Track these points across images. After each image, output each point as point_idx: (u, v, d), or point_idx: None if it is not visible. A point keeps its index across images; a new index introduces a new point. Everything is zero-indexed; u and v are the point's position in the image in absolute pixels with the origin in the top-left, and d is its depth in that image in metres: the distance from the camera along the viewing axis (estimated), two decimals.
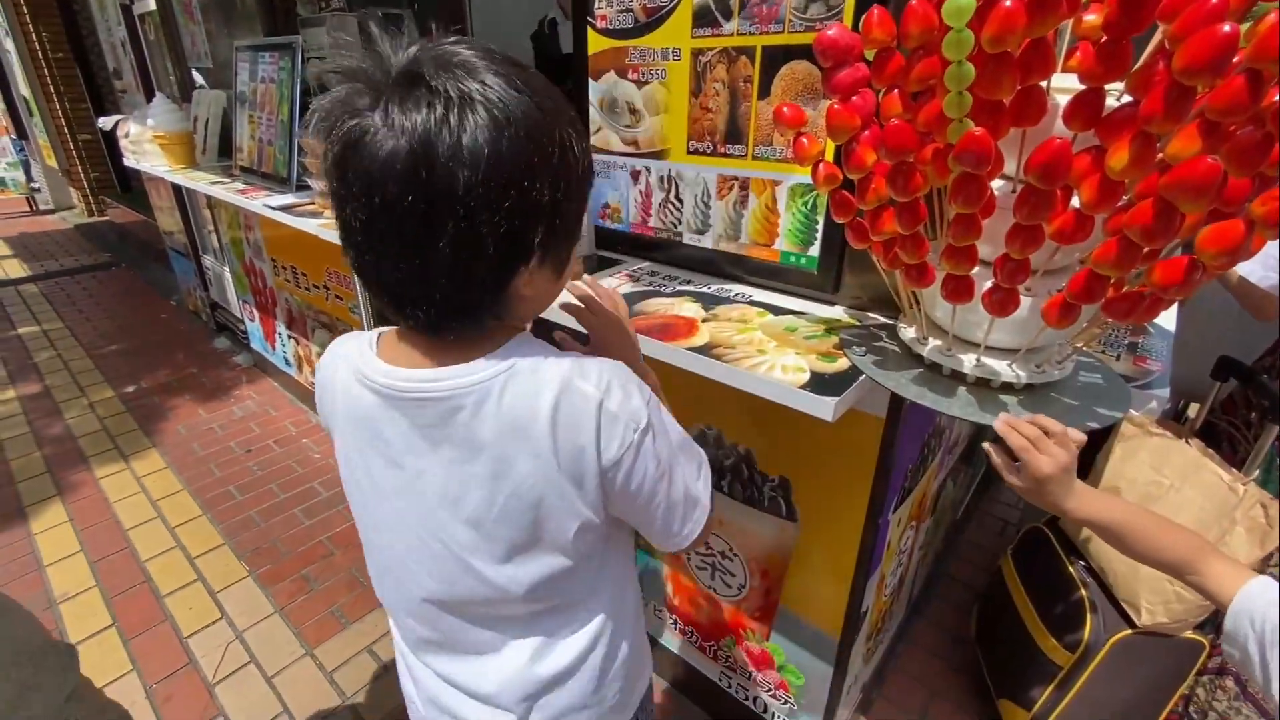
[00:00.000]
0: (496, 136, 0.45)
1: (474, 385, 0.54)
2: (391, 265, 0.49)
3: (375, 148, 0.45)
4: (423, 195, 0.45)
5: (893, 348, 0.85)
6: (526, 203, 0.48)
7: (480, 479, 0.56)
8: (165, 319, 3.94)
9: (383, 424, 0.58)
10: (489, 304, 0.53)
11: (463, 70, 0.46)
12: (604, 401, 0.54)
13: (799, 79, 0.92)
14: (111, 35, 3.56)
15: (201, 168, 2.42)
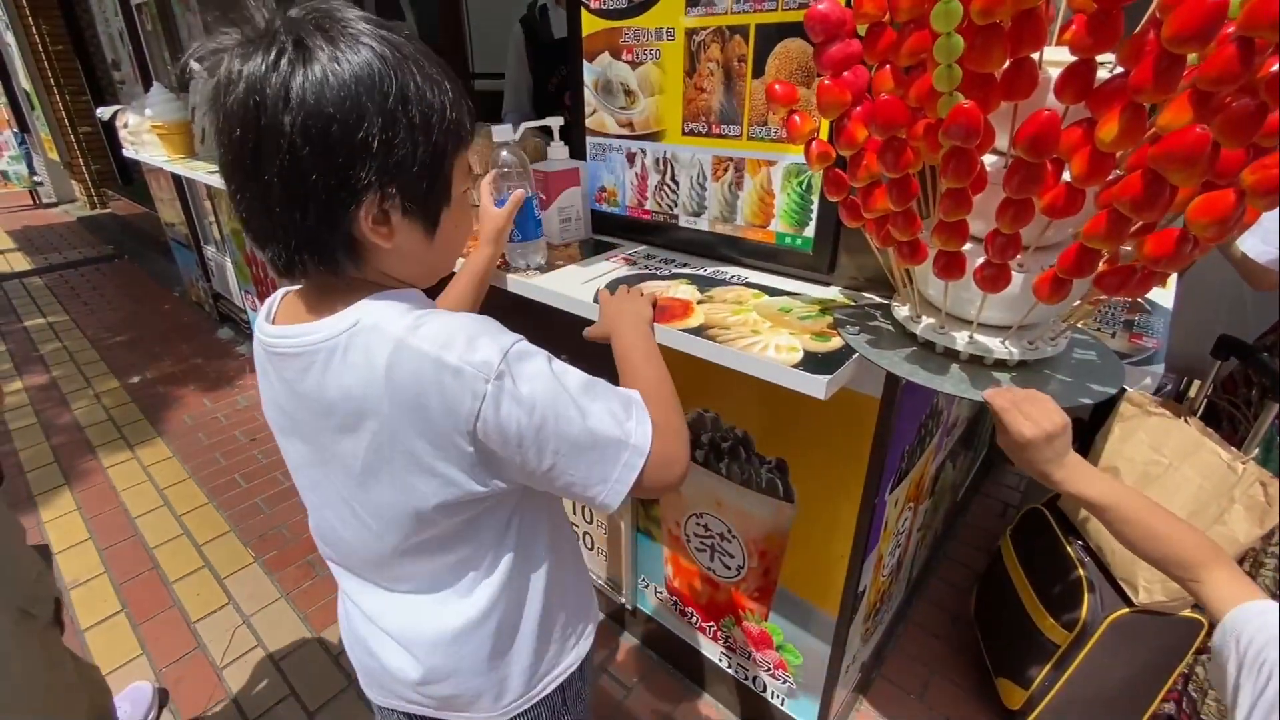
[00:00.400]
0: (321, 79, 0.49)
1: (320, 342, 0.56)
2: (240, 198, 0.54)
3: (225, 94, 0.50)
4: (254, 131, 0.49)
5: (887, 327, 0.85)
6: (349, 143, 0.50)
7: (338, 436, 0.58)
8: (168, 310, 3.96)
9: (270, 374, 0.63)
10: (334, 245, 0.55)
11: (314, 25, 0.51)
12: (441, 356, 0.52)
13: (793, 57, 0.91)
14: (110, 26, 3.55)
15: (200, 157, 2.42)
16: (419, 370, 0.53)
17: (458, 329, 0.54)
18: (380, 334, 0.54)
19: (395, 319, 0.55)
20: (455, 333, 0.54)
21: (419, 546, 0.63)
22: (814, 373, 0.74)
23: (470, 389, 0.52)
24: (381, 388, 0.54)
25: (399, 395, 0.54)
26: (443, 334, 0.54)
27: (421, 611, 0.68)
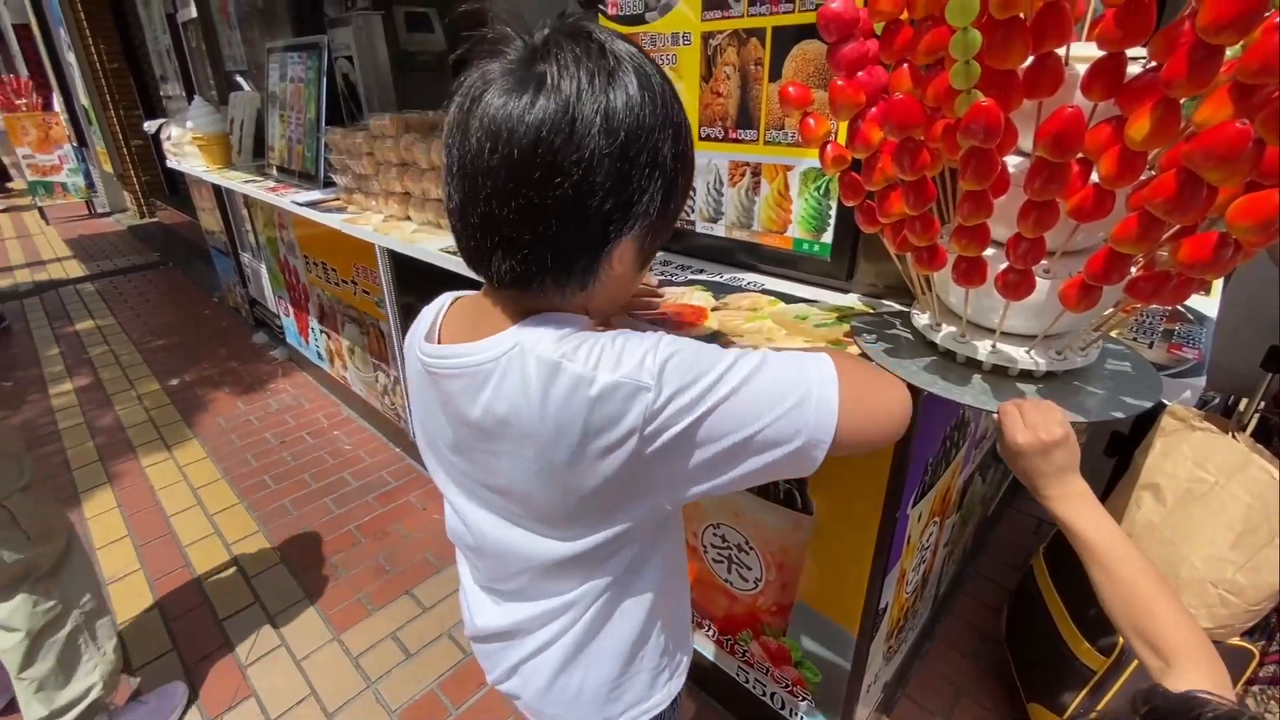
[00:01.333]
0: (640, 97, 0.49)
1: (479, 364, 0.55)
2: (483, 211, 0.50)
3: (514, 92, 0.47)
4: (548, 149, 0.47)
5: (906, 335, 0.82)
6: (653, 165, 0.50)
7: (499, 456, 0.58)
8: (208, 315, 4.10)
9: (427, 391, 0.62)
10: (580, 268, 0.53)
11: (600, 41, 0.49)
12: (596, 376, 0.51)
13: (810, 59, 0.89)
14: (158, 44, 3.71)
15: (237, 167, 2.50)
16: (575, 392, 0.51)
17: (606, 344, 0.53)
18: (536, 358, 0.53)
19: (551, 343, 0.53)
20: (605, 349, 0.52)
21: (550, 569, 0.64)
22: None
23: (629, 402, 0.50)
24: (538, 411, 0.53)
25: (556, 419, 0.52)
26: (594, 353, 0.52)
27: (522, 614, 0.69)
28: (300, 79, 1.98)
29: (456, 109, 0.51)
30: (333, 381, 2.94)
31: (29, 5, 6.55)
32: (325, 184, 1.91)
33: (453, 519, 0.73)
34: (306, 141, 1.98)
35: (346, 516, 2.21)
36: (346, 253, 2.25)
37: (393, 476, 2.42)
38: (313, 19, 2.20)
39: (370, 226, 1.52)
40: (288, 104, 2.08)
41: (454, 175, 0.52)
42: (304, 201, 1.75)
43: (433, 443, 0.68)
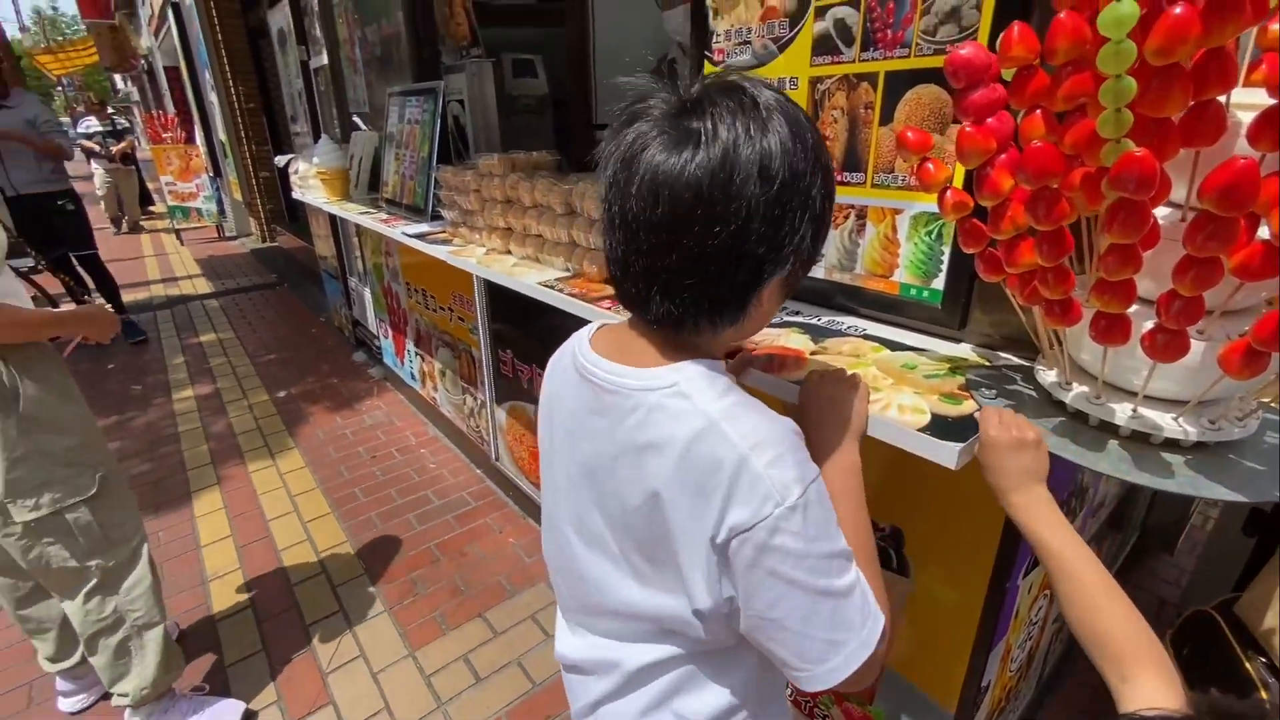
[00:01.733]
0: (792, 146, 0.50)
1: (635, 390, 0.57)
2: (638, 249, 0.53)
3: (673, 149, 0.50)
4: (718, 194, 0.49)
5: (1029, 392, 0.76)
6: (805, 207, 0.52)
7: (618, 479, 0.59)
8: (314, 334, 4.42)
9: (571, 398, 0.65)
10: (731, 307, 0.55)
11: (751, 94, 0.51)
12: (748, 457, 0.51)
13: (925, 104, 0.87)
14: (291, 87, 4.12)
15: (353, 199, 2.71)
16: (719, 459, 0.52)
17: (771, 434, 0.53)
18: (693, 405, 0.54)
19: (713, 396, 0.55)
20: (768, 437, 0.53)
21: (631, 614, 0.64)
22: (944, 439, 0.67)
23: (756, 504, 0.50)
24: (675, 457, 0.53)
25: (687, 472, 0.53)
26: (756, 433, 0.52)
27: (603, 653, 0.69)
28: (416, 120, 2.13)
29: (617, 166, 0.53)
30: (423, 402, 3.08)
31: (180, 50, 7.47)
32: (432, 217, 2.03)
33: (549, 537, 0.74)
34: (418, 178, 2.12)
35: (427, 534, 2.29)
36: (446, 281, 2.37)
37: (472, 498, 2.49)
38: (431, 66, 2.37)
39: (474, 259, 1.60)
40: (403, 143, 2.24)
41: (616, 228, 0.55)
42: (413, 233, 1.86)
43: (553, 451, 0.69)
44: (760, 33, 1.05)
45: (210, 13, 5.84)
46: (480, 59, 2.26)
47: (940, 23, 0.83)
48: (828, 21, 0.95)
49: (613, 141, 0.55)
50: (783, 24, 1.01)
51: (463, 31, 2.28)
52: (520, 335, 2.03)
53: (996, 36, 0.77)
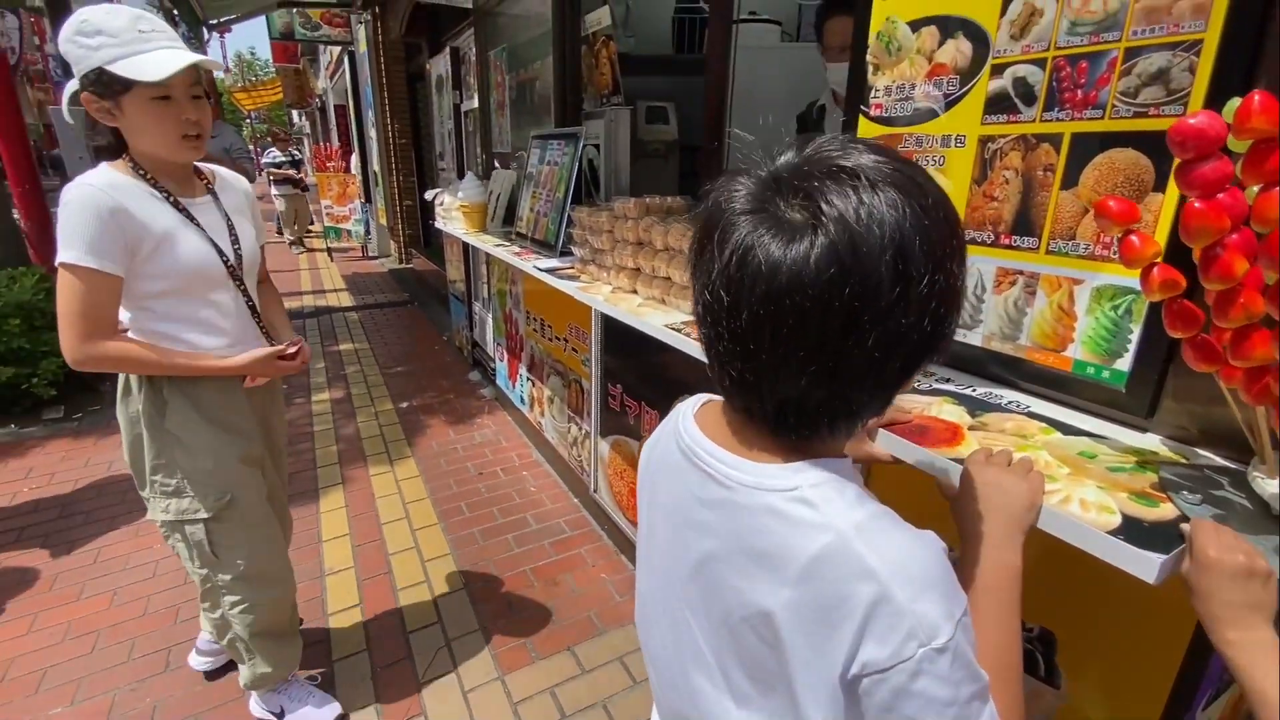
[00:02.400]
0: (919, 218, 0.43)
1: (747, 485, 0.51)
2: (785, 371, 0.46)
3: (778, 251, 0.43)
4: (846, 294, 0.42)
5: (1240, 500, 0.66)
6: (949, 290, 0.45)
7: (725, 584, 0.53)
8: (437, 351, 4.72)
9: (677, 481, 0.59)
10: (870, 409, 0.49)
11: (846, 165, 0.44)
12: (889, 586, 0.44)
13: (1120, 169, 0.80)
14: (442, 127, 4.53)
15: (489, 232, 2.89)
16: (851, 584, 0.45)
17: (916, 557, 0.46)
18: (820, 516, 0.47)
19: (843, 506, 0.48)
20: (912, 561, 0.46)
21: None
22: (1142, 547, 0.59)
23: (896, 641, 0.44)
24: (795, 576, 0.47)
25: (810, 593, 0.47)
26: (899, 556, 0.46)
27: None
28: (556, 162, 2.26)
29: (713, 266, 0.47)
30: (529, 425, 3.18)
31: (349, 91, 8.49)
32: (561, 253, 2.12)
33: (642, 615, 0.68)
34: (551, 215, 2.24)
35: (524, 557, 2.33)
36: (564, 313, 2.46)
37: (569, 526, 2.52)
38: (573, 112, 2.52)
39: (600, 296, 1.64)
40: (541, 182, 2.38)
41: (721, 339, 0.49)
42: (545, 267, 1.96)
43: (653, 534, 0.64)
44: (925, 90, 1.02)
45: (379, 60, 6.59)
46: (619, 106, 2.37)
47: (1143, 84, 0.77)
48: (1005, 79, 0.91)
49: (704, 235, 0.48)
50: (952, 81, 0.98)
51: (605, 80, 2.40)
52: (631, 371, 2.06)
53: (1212, 101, 0.71)
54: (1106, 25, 0.79)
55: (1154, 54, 0.75)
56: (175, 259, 1.21)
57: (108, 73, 1.07)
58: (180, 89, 1.14)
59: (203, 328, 1.30)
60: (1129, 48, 0.77)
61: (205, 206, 1.30)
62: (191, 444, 1.33)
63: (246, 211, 1.42)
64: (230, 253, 1.31)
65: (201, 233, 1.25)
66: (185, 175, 1.28)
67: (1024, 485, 0.64)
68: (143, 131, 1.14)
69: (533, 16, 2.74)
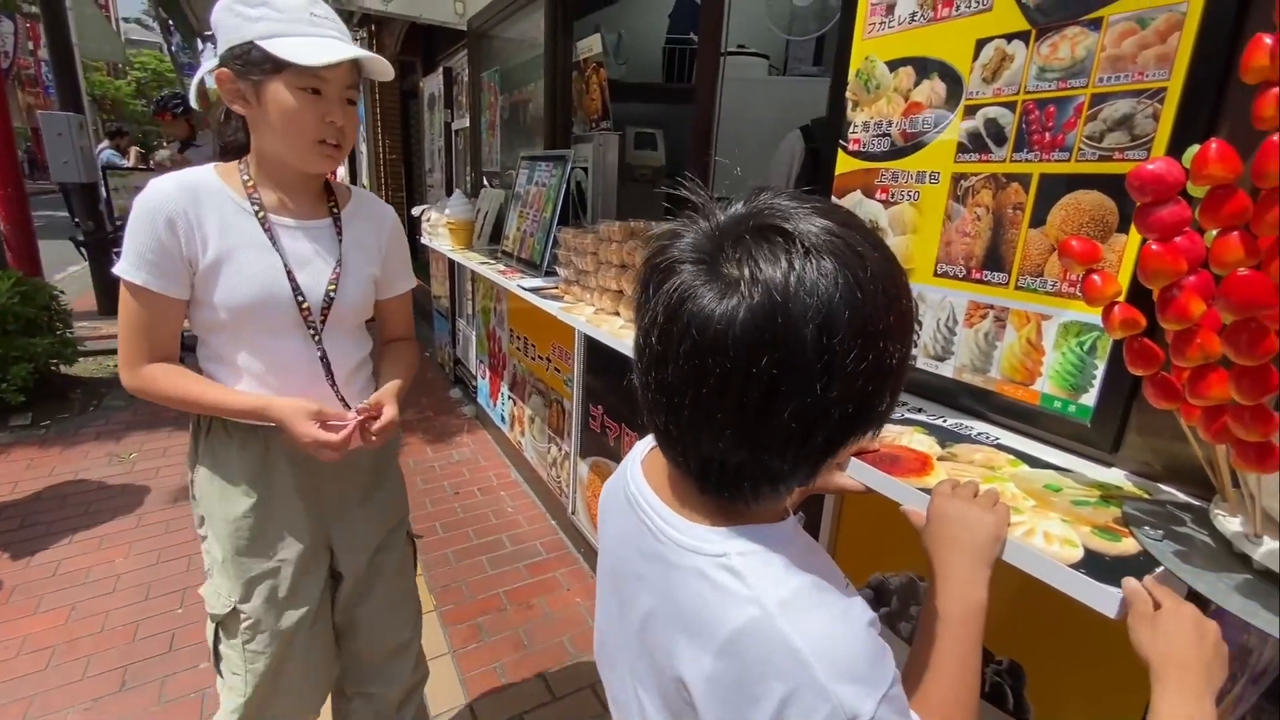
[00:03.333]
0: (852, 291, 0.41)
1: (683, 548, 0.51)
2: (707, 431, 0.46)
3: (710, 305, 0.42)
4: (765, 361, 0.41)
5: (1201, 537, 0.67)
6: (880, 369, 0.43)
7: (658, 636, 0.53)
8: (419, 367, 4.69)
9: (622, 526, 0.59)
10: (801, 478, 0.48)
11: (790, 218, 0.44)
12: (812, 668, 0.43)
13: (1085, 210, 0.83)
14: (433, 144, 4.56)
15: (475, 250, 2.90)
16: (773, 661, 0.44)
17: (839, 637, 0.46)
18: (746, 588, 0.47)
19: (770, 579, 0.47)
20: (835, 643, 0.45)
21: None
22: (1103, 581, 0.60)
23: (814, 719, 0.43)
24: (717, 645, 0.47)
25: (732, 667, 0.46)
26: (822, 637, 0.45)
27: None
28: (544, 183, 2.28)
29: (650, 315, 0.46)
30: (509, 444, 3.16)
31: None
32: (546, 273, 2.13)
33: (600, 649, 0.68)
34: (537, 235, 2.25)
35: (498, 579, 2.29)
36: (548, 333, 2.46)
37: (545, 548, 2.49)
38: (563, 135, 2.55)
39: (583, 317, 1.65)
40: (528, 202, 2.40)
41: (650, 389, 0.49)
42: (528, 286, 1.96)
43: (604, 573, 0.64)
44: (902, 126, 1.05)
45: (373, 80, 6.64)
46: (608, 131, 2.41)
47: (1108, 129, 0.79)
48: (978, 120, 0.94)
49: (647, 278, 0.48)
50: (927, 119, 1.01)
51: (595, 106, 2.44)
52: (613, 392, 2.06)
53: (1174, 147, 0.74)
54: (1074, 72, 0.82)
55: (1119, 100, 0.78)
56: (230, 286, 0.98)
57: (260, 49, 0.91)
58: (335, 85, 0.96)
59: (254, 380, 1.04)
60: (1095, 94, 0.80)
61: (309, 232, 1.05)
62: (212, 524, 1.09)
63: (375, 249, 1.15)
64: (314, 291, 1.04)
65: (277, 259, 1.00)
66: (305, 189, 1.06)
67: (989, 518, 0.65)
68: (275, 126, 0.95)
69: (526, 40, 2.78)
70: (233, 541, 1.07)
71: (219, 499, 1.07)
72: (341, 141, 0.99)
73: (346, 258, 1.08)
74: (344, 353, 1.12)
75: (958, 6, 0.95)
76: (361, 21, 6.09)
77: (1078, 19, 0.81)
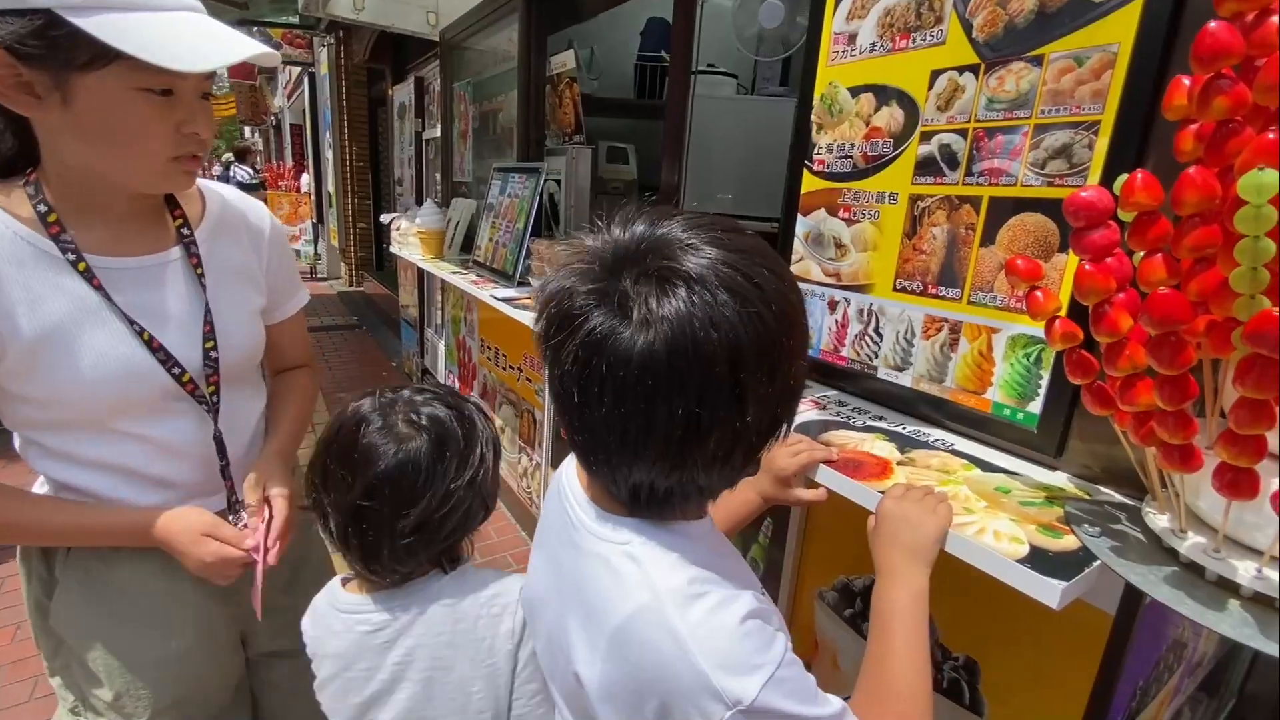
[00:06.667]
0: (753, 321, 0.45)
1: (594, 535, 0.55)
2: (637, 464, 0.49)
3: (625, 348, 0.45)
4: (691, 396, 0.45)
5: (1135, 534, 0.73)
6: (787, 391, 0.48)
7: (566, 626, 0.56)
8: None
9: (553, 512, 0.64)
10: (725, 487, 0.54)
11: (687, 249, 0.46)
12: (692, 654, 0.46)
13: (1030, 230, 0.89)
14: (403, 152, 4.53)
15: (446, 259, 2.89)
16: (660, 649, 0.47)
17: (724, 629, 0.47)
18: (644, 577, 0.50)
19: (666, 566, 0.51)
20: (719, 633, 0.47)
21: None
22: (1046, 574, 0.65)
23: (705, 708, 0.45)
24: (611, 629, 0.50)
25: (622, 653, 0.49)
26: (706, 626, 0.47)
27: None
28: (517, 194, 2.30)
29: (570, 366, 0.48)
30: None
31: (307, 112, 8.39)
32: (519, 283, 2.15)
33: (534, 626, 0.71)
34: (510, 246, 2.26)
35: None
36: (519, 343, 2.47)
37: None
38: (536, 147, 2.57)
39: None
40: (501, 213, 2.41)
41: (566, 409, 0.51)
42: (501, 296, 1.97)
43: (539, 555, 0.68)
44: (863, 149, 1.11)
45: (341, 83, 6.56)
46: (581, 145, 2.44)
47: (1050, 157, 0.86)
48: (933, 145, 1.00)
49: (556, 319, 0.49)
50: (886, 143, 1.07)
51: (568, 120, 2.47)
52: None
53: (1108, 175, 0.80)
54: (1019, 103, 0.89)
55: (1059, 131, 0.84)
56: (58, 380, 0.70)
57: (66, 25, 0.59)
58: (191, 82, 0.69)
59: (128, 478, 0.78)
60: (1038, 124, 0.87)
61: (152, 272, 0.77)
62: (89, 660, 0.81)
63: (255, 268, 0.90)
64: (190, 356, 0.79)
65: (121, 325, 0.73)
66: (138, 212, 0.77)
67: (930, 519, 0.70)
68: (102, 139, 0.67)
69: (499, 53, 2.81)
70: (129, 678, 0.81)
71: (107, 634, 0.81)
72: (202, 151, 0.74)
73: (216, 297, 0.82)
74: (243, 420, 0.90)
75: (914, 39, 1.01)
76: (329, 27, 6.03)
77: (1021, 55, 0.88)
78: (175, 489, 0.83)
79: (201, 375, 0.81)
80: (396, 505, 0.67)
